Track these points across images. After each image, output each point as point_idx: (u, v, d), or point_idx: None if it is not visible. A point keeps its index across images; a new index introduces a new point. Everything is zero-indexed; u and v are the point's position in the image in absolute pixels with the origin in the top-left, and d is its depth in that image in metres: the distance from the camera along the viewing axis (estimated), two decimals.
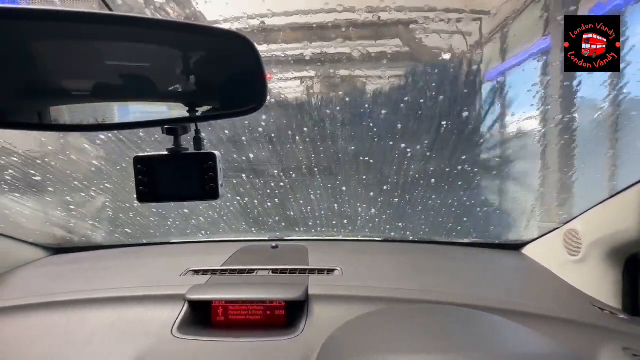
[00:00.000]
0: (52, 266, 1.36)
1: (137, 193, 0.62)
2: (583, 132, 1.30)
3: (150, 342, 0.84)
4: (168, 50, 0.50)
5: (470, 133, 1.55)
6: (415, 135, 1.53)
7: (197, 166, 0.62)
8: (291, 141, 1.57)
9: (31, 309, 0.97)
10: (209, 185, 0.62)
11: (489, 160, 1.60)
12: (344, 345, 0.75)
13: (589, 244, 0.99)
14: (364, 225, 1.62)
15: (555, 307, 0.91)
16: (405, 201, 1.60)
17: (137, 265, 1.27)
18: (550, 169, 1.40)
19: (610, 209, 0.93)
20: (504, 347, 0.70)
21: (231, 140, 1.60)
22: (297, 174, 1.63)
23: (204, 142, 0.64)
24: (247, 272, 1.16)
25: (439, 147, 1.53)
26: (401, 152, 1.54)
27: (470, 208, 1.58)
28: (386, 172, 1.58)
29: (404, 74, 1.54)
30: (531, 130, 1.44)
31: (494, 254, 1.38)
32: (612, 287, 0.95)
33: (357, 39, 1.46)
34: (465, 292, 0.99)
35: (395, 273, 1.14)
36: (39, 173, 1.51)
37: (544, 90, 1.37)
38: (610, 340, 0.79)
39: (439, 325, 0.77)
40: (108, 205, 1.63)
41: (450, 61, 1.50)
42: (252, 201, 1.64)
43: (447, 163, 1.55)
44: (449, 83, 1.51)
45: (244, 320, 0.95)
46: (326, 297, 0.96)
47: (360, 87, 1.57)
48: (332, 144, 1.59)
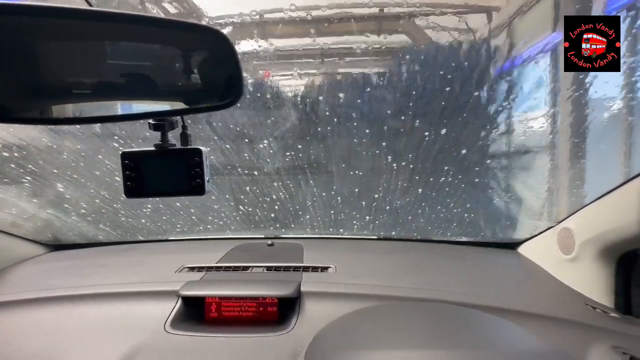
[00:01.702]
0: (50, 262, 1.37)
1: (125, 188, 0.63)
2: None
3: (143, 337, 0.85)
4: (143, 46, 0.50)
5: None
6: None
7: (183, 162, 0.63)
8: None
9: (27, 304, 0.98)
10: (195, 181, 0.62)
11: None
12: (332, 340, 0.75)
13: (582, 242, 0.99)
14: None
15: (547, 305, 0.91)
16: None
17: (134, 262, 1.29)
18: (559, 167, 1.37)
19: (603, 206, 0.93)
20: (493, 344, 0.70)
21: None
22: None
23: (191, 137, 0.65)
24: (241, 269, 1.16)
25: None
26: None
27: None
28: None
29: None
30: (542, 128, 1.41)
31: (489, 253, 1.38)
32: (604, 286, 0.94)
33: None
34: (458, 290, 0.99)
35: (390, 271, 1.14)
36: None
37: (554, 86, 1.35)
38: (600, 339, 0.79)
39: (429, 322, 0.77)
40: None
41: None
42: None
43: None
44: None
45: (237, 316, 0.96)
46: (318, 294, 0.96)
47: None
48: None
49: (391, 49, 1.51)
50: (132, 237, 1.63)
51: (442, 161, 1.53)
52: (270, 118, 1.58)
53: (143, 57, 0.51)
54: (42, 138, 1.49)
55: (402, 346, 0.66)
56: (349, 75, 1.57)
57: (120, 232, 1.64)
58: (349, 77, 1.57)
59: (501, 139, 1.56)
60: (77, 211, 1.60)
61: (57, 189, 1.56)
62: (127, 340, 0.84)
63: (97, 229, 1.62)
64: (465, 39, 1.46)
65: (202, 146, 0.63)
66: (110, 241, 1.59)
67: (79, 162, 1.56)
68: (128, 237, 1.63)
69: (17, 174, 1.51)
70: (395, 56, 1.54)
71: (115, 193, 1.58)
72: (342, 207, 1.63)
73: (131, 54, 0.50)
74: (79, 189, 1.58)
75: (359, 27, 1.47)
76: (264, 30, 1.50)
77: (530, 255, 1.28)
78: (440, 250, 1.42)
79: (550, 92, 1.36)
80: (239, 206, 1.66)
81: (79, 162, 1.56)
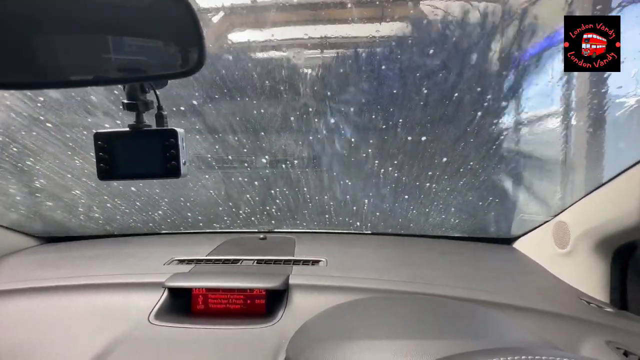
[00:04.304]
0: (40, 254, 1.36)
1: (98, 170, 0.61)
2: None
3: (126, 328, 0.83)
4: (98, 8, 0.48)
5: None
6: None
7: (158, 143, 0.61)
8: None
9: (13, 294, 0.98)
10: (170, 163, 0.60)
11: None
12: (316, 331, 0.73)
13: (577, 236, 0.97)
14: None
15: (541, 300, 0.89)
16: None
17: (124, 254, 1.27)
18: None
19: (599, 199, 0.91)
20: (481, 335, 0.68)
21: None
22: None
23: (166, 119, 0.63)
24: (231, 262, 1.15)
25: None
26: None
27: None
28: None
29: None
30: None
31: (484, 248, 1.35)
32: (599, 280, 0.92)
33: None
34: (451, 284, 0.97)
35: (382, 265, 1.12)
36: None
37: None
38: (594, 334, 0.77)
39: (417, 314, 0.75)
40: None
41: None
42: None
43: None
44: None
45: (224, 308, 0.94)
46: (306, 287, 0.95)
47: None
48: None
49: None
50: (123, 230, 1.61)
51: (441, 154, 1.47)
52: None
53: (100, 18, 0.48)
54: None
55: (386, 336, 0.64)
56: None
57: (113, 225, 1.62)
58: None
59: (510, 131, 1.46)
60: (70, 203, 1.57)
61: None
62: (109, 331, 0.82)
63: (87, 220, 1.60)
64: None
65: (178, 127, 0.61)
66: (101, 234, 1.58)
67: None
68: (119, 230, 1.62)
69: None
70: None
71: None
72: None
73: (87, 11, 0.48)
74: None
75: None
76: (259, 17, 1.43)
77: (526, 250, 1.26)
78: (434, 245, 1.39)
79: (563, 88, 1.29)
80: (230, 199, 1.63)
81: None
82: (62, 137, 1.45)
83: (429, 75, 1.42)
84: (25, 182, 1.52)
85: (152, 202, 1.60)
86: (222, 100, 1.51)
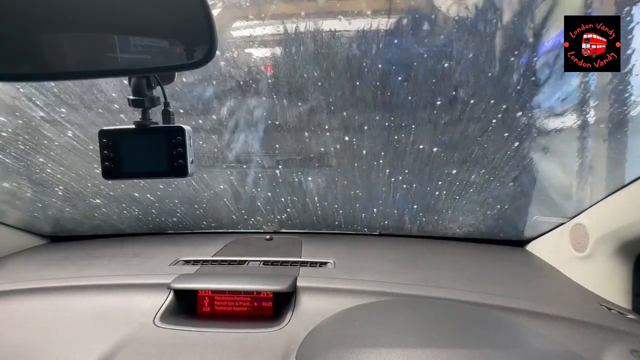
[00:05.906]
0: (45, 253, 1.36)
1: (102, 169, 0.59)
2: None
3: (130, 330, 0.82)
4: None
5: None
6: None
7: (164, 141, 0.58)
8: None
9: (17, 294, 0.97)
10: (177, 162, 0.58)
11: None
12: (326, 337, 0.71)
13: (597, 239, 0.93)
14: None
15: (559, 305, 0.86)
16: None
17: (130, 254, 1.26)
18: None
19: (619, 201, 0.87)
20: (503, 346, 0.65)
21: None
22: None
23: (173, 115, 0.61)
24: (237, 263, 1.13)
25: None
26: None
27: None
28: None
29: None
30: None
31: (496, 250, 1.32)
32: (621, 285, 0.88)
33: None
34: (462, 287, 0.94)
35: (390, 267, 1.10)
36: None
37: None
38: (617, 342, 0.73)
39: (429, 320, 0.72)
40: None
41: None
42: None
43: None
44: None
45: (230, 311, 0.92)
46: (314, 290, 0.92)
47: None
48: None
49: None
50: (129, 230, 1.60)
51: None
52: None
53: (107, 3, 0.46)
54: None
55: (398, 345, 0.61)
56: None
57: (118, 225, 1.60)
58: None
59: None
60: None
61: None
62: (114, 332, 0.81)
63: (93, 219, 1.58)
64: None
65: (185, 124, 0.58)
66: (107, 233, 1.57)
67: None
68: (125, 230, 1.60)
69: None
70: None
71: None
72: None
73: (90, 9, 0.46)
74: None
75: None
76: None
77: (540, 252, 1.22)
78: (445, 246, 1.36)
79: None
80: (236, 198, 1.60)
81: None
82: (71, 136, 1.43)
83: (450, 75, 1.36)
84: (32, 179, 1.51)
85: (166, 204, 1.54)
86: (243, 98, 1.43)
